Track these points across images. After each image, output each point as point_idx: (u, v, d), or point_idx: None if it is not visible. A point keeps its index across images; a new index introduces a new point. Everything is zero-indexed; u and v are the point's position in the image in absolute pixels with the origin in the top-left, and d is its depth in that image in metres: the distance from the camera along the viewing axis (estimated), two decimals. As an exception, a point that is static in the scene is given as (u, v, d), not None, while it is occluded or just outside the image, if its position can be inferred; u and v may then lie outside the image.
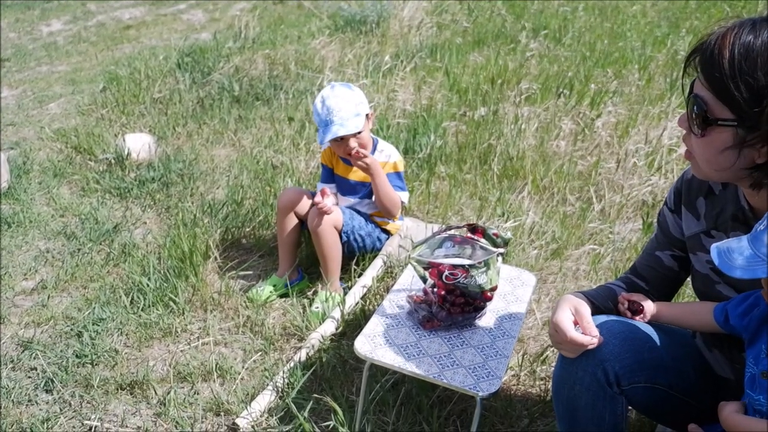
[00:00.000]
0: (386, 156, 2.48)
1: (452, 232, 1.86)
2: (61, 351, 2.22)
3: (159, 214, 3.12)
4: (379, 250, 2.56)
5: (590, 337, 1.30)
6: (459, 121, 3.68)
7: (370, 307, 2.34)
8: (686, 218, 1.42)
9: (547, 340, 2.16)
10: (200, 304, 2.45)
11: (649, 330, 1.40)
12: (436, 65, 4.50)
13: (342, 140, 2.37)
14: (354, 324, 2.26)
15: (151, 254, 2.73)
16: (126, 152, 3.52)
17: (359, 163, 2.35)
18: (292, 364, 2.10)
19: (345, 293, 2.43)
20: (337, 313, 2.29)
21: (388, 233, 2.59)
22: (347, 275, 2.52)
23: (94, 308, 2.39)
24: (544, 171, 3.13)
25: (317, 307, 2.39)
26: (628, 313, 1.44)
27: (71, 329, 2.32)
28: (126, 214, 3.11)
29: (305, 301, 2.48)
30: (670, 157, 3.11)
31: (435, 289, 1.81)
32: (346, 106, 2.33)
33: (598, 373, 1.31)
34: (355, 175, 2.51)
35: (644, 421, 1.76)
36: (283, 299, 2.50)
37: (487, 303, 1.83)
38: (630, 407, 1.38)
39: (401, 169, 2.52)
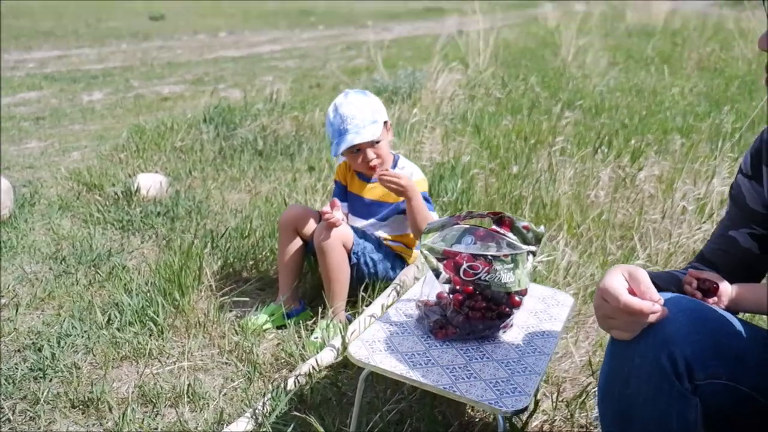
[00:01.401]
0: (408, 174, 2.21)
1: (473, 221, 1.56)
2: (15, 364, 1.92)
3: (158, 245, 2.88)
4: (392, 279, 2.25)
5: (651, 303, 0.96)
6: (489, 173, 3.44)
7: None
8: (769, 183, 1.12)
9: (586, 381, 1.78)
10: (184, 329, 2.14)
11: (727, 315, 1.06)
12: (467, 128, 4.34)
13: (358, 151, 2.15)
14: (356, 354, 1.91)
15: (139, 276, 2.46)
16: (135, 187, 3.35)
17: (392, 186, 2.06)
18: (276, 392, 1.75)
19: (349, 322, 2.10)
20: (338, 342, 1.95)
21: (403, 261, 2.29)
22: (354, 305, 2.20)
23: (63, 323, 2.10)
24: (581, 219, 2.83)
25: (317, 337, 2.06)
26: (698, 294, 1.11)
27: (33, 343, 2.03)
28: (123, 243, 2.87)
29: (305, 332, 2.15)
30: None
31: (452, 295, 1.49)
32: (361, 113, 2.12)
33: (662, 359, 0.96)
34: (371, 193, 2.26)
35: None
36: (280, 330, 2.18)
37: (515, 310, 1.50)
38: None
39: (425, 188, 2.25)
